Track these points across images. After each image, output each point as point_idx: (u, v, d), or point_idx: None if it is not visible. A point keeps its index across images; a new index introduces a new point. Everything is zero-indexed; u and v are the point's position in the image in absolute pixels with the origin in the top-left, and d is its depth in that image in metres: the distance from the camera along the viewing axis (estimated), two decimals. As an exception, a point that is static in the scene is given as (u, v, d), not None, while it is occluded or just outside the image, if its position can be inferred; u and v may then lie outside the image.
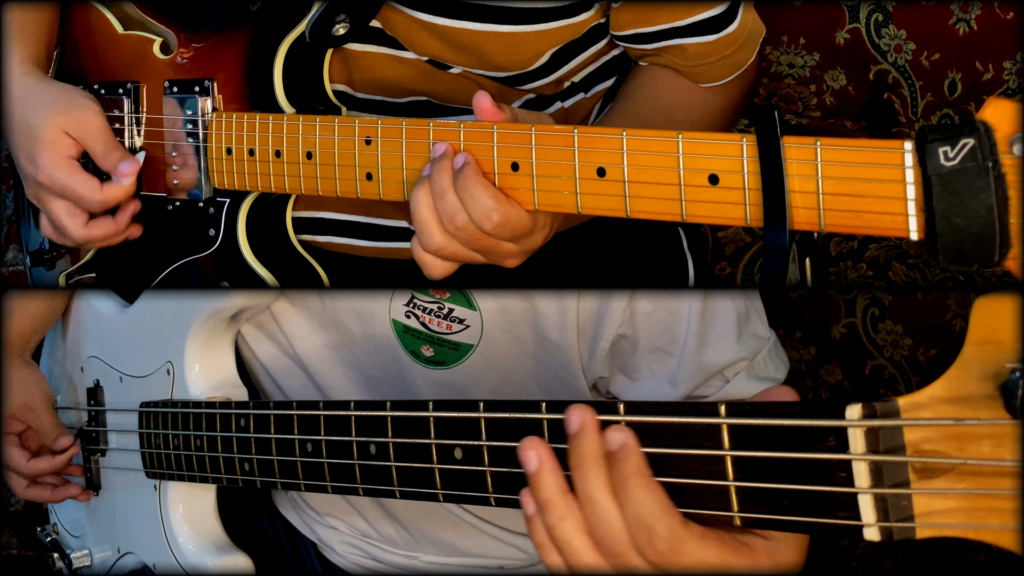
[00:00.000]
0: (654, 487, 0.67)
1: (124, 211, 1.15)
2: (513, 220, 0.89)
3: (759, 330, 1.11)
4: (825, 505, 0.61)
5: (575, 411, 0.70)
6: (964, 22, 1.38)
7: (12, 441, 1.26)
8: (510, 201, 0.89)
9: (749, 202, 0.80)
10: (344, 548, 1.27)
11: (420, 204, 0.90)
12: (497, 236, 0.89)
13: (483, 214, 0.88)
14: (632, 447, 0.67)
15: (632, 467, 0.67)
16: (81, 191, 1.10)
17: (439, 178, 0.89)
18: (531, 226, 0.91)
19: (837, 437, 0.60)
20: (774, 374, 1.10)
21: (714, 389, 1.09)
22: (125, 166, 1.11)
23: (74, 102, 1.13)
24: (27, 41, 1.18)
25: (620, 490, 0.67)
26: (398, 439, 0.87)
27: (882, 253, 1.46)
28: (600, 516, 0.68)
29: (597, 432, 0.68)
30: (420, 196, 0.90)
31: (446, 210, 0.89)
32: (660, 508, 0.66)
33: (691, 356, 1.06)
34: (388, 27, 1.09)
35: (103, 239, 1.15)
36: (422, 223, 0.91)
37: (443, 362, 1.10)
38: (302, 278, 1.15)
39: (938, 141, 0.71)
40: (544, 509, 0.70)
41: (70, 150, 1.11)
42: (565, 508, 0.69)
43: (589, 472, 0.68)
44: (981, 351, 0.57)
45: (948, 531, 0.59)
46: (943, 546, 1.44)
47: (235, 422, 1.05)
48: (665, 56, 1.12)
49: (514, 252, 0.93)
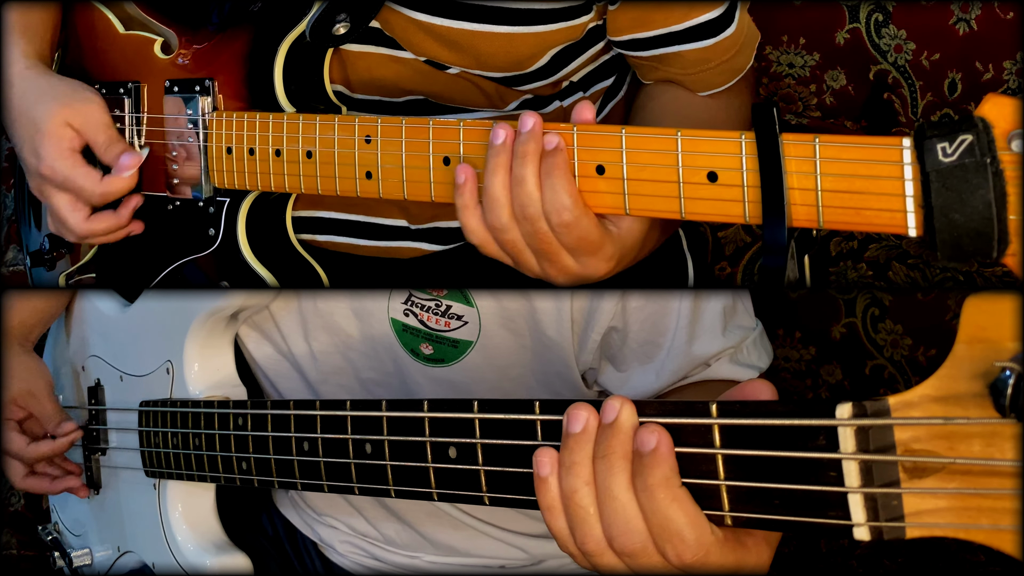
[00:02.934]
0: (684, 499, 0.66)
1: (126, 205, 1.15)
2: (584, 227, 0.86)
3: (744, 321, 1.12)
4: (815, 504, 0.61)
5: (613, 402, 0.68)
6: (964, 22, 1.38)
7: (12, 427, 1.26)
8: (587, 209, 0.87)
9: (748, 199, 0.81)
10: (345, 547, 1.28)
11: (496, 181, 0.88)
12: (561, 239, 0.87)
13: (558, 207, 0.86)
14: (664, 454, 0.66)
15: (661, 477, 0.66)
16: (82, 182, 1.10)
17: (524, 162, 0.87)
18: (599, 243, 0.88)
19: (827, 436, 0.60)
20: (757, 362, 1.12)
21: (697, 374, 1.11)
22: (126, 159, 1.12)
23: (78, 95, 1.13)
24: (31, 38, 1.18)
25: (646, 497, 0.67)
26: (393, 438, 0.87)
27: (882, 253, 1.46)
28: (619, 512, 0.68)
29: (632, 429, 0.68)
30: (498, 174, 0.88)
31: (520, 197, 0.87)
32: (689, 520, 0.66)
33: (680, 349, 1.08)
34: (387, 27, 1.09)
35: (105, 233, 1.15)
36: (494, 199, 0.88)
37: (442, 359, 1.10)
38: (301, 278, 1.15)
39: (936, 137, 0.71)
40: (570, 471, 0.69)
41: (72, 142, 1.11)
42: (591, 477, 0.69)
43: (614, 466, 0.68)
44: (971, 350, 0.57)
45: (938, 531, 0.59)
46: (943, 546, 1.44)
47: (233, 421, 1.05)
48: (665, 68, 1.12)
49: (569, 268, 0.90)
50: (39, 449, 1.25)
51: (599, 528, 0.69)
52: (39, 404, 1.27)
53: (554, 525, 0.71)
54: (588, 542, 0.69)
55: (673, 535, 0.66)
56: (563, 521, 0.70)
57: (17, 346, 1.29)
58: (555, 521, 0.71)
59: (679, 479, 0.66)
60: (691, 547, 0.66)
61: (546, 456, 0.71)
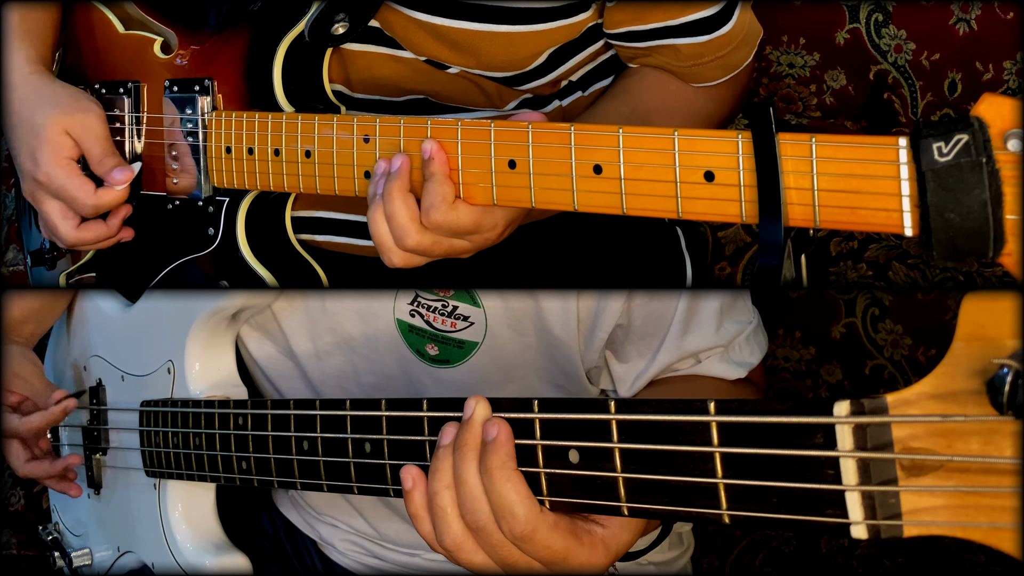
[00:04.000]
0: (517, 480, 0.75)
1: (115, 215, 1.16)
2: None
3: (741, 316, 1.13)
4: (813, 502, 0.61)
5: (470, 402, 0.79)
6: (964, 22, 1.38)
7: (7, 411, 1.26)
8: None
9: (744, 199, 0.81)
10: (345, 546, 1.28)
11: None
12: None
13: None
14: (502, 442, 0.76)
15: (498, 459, 0.76)
16: (75, 192, 1.11)
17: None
18: (474, 228, 0.94)
19: (825, 434, 0.60)
20: (748, 359, 1.12)
21: (686, 366, 1.12)
22: (118, 174, 1.12)
23: (79, 104, 1.14)
24: (33, 41, 1.19)
25: (487, 478, 0.76)
26: (393, 437, 0.87)
27: (882, 253, 1.46)
28: (468, 494, 0.77)
29: (480, 424, 0.77)
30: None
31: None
32: (519, 497, 0.75)
33: (673, 342, 1.09)
34: (386, 27, 1.09)
35: (94, 242, 1.16)
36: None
37: (448, 360, 1.10)
38: (301, 278, 1.15)
39: (932, 137, 0.71)
40: (434, 476, 0.79)
41: (71, 151, 1.12)
42: (451, 480, 0.78)
43: (466, 456, 0.77)
44: (969, 347, 0.57)
45: (936, 529, 0.59)
46: (943, 546, 1.43)
47: (233, 421, 1.05)
48: (657, 56, 1.12)
49: (467, 248, 0.96)
50: (32, 421, 1.25)
51: (458, 525, 0.78)
52: (26, 383, 1.28)
53: (421, 529, 0.80)
54: (447, 538, 0.78)
55: (507, 511, 0.75)
56: (428, 525, 0.80)
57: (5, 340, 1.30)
58: (422, 526, 0.80)
59: (515, 464, 0.76)
60: (521, 522, 0.74)
61: (408, 473, 0.81)
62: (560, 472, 0.75)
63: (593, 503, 0.74)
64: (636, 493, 0.71)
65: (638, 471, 0.70)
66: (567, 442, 0.74)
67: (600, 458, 0.72)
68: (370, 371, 1.15)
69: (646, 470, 0.69)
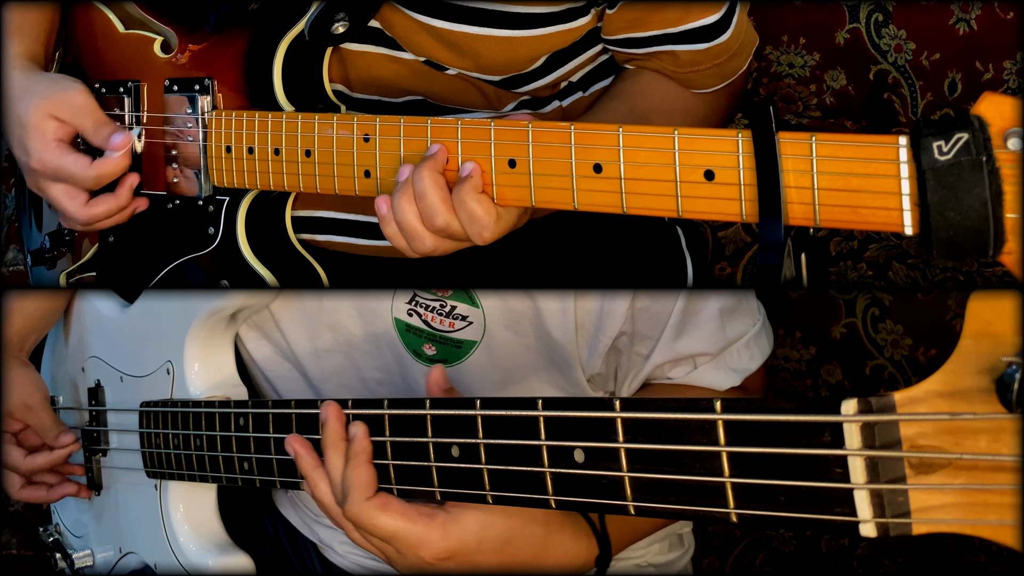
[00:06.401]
0: (366, 469, 0.89)
1: (123, 185, 1.15)
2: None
3: (744, 319, 1.12)
4: (821, 501, 0.61)
5: (324, 407, 0.92)
6: (964, 22, 1.38)
7: (9, 440, 1.26)
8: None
9: (744, 198, 0.81)
10: (344, 548, 1.27)
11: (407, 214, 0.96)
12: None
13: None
14: (359, 438, 0.89)
15: (354, 451, 0.89)
16: (72, 169, 1.11)
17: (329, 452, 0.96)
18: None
19: (833, 433, 0.60)
20: (747, 364, 1.12)
21: (681, 372, 1.11)
22: (116, 139, 1.12)
23: (58, 85, 1.14)
24: (23, 38, 1.19)
25: (347, 468, 0.90)
26: (395, 437, 0.87)
27: (882, 253, 1.46)
28: (332, 476, 0.92)
29: (338, 423, 0.91)
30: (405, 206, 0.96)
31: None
32: (363, 483, 0.89)
33: (667, 343, 1.08)
34: (387, 27, 1.09)
35: (108, 215, 1.15)
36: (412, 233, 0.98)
37: (445, 360, 1.10)
38: (302, 277, 1.15)
39: (932, 136, 0.71)
40: (308, 477, 0.95)
41: (57, 132, 1.12)
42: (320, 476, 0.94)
43: (331, 451, 0.91)
44: (977, 345, 0.56)
45: (944, 527, 0.59)
46: (943, 546, 1.44)
47: (234, 421, 1.05)
48: (655, 61, 1.12)
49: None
50: (36, 461, 1.26)
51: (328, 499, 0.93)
52: (35, 416, 1.27)
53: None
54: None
55: (347, 489, 0.90)
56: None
57: (12, 359, 1.29)
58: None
59: (370, 457, 0.90)
60: (353, 501, 0.89)
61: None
62: (565, 472, 0.75)
63: (599, 503, 0.74)
64: (642, 492, 0.71)
65: (644, 470, 0.70)
66: (572, 442, 0.74)
67: (606, 457, 0.72)
68: (373, 367, 1.14)
69: (652, 469, 0.69)
